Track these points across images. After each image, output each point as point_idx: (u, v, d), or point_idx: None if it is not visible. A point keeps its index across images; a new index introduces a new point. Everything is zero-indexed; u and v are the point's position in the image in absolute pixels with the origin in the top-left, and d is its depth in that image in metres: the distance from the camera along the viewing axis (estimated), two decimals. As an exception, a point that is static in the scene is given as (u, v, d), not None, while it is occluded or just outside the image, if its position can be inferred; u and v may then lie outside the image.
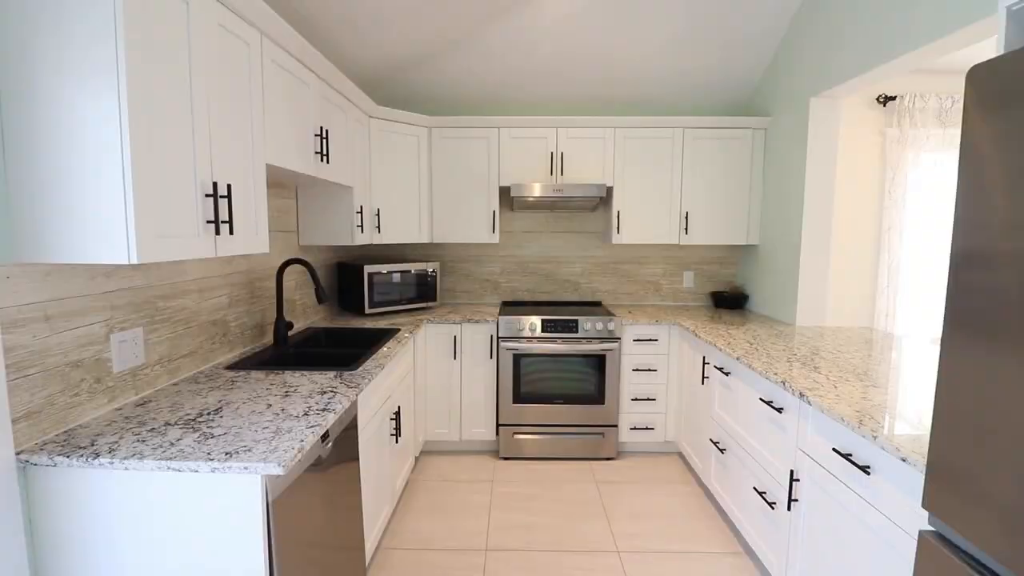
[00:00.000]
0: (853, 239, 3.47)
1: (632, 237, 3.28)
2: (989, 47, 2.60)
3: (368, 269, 2.95)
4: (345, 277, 3.12)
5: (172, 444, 1.25)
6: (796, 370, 1.92)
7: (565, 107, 3.50)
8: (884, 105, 3.41)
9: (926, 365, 2.00)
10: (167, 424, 1.37)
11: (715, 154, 3.24)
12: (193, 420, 1.40)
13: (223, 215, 1.47)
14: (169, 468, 1.16)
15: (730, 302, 3.43)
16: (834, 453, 1.53)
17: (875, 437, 1.33)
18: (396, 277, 3.10)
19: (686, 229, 3.26)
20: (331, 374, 1.85)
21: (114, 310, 1.50)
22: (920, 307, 3.51)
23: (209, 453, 1.19)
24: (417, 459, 3.04)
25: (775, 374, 1.87)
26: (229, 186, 1.46)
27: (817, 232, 2.81)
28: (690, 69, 3.16)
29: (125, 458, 1.17)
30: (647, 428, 3.08)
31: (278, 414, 1.44)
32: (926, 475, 1.08)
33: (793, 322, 2.87)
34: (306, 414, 1.45)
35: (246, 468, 1.15)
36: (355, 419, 1.78)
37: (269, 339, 2.37)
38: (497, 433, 3.08)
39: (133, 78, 1.15)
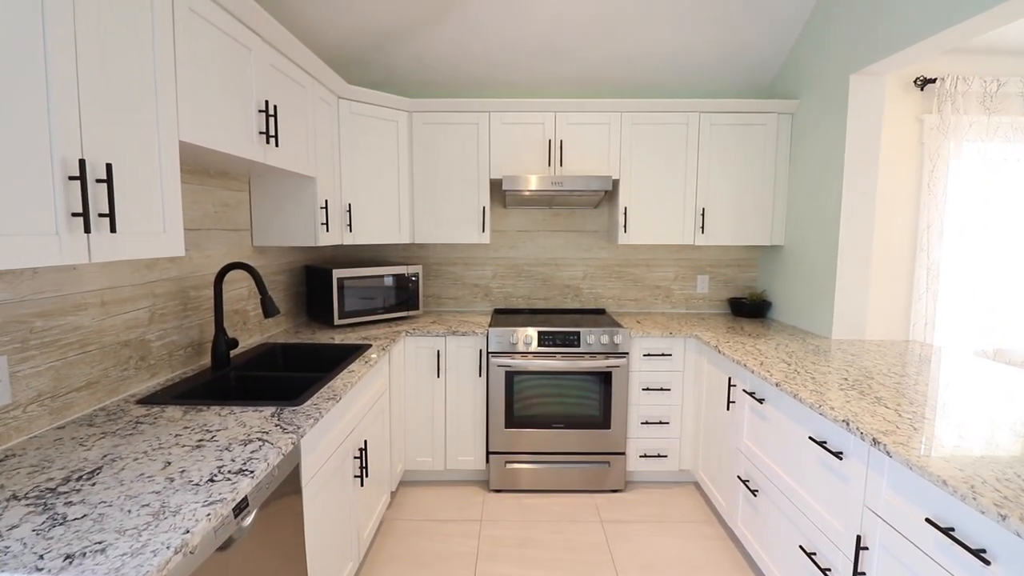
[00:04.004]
0: (887, 238, 3.08)
1: (641, 237, 2.89)
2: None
3: (338, 274, 2.56)
4: (313, 282, 2.72)
5: (0, 537, 0.85)
6: (855, 402, 1.54)
7: (565, 89, 3.10)
8: (922, 89, 3.03)
9: (1011, 391, 1.62)
10: (12, 498, 0.98)
11: (735, 142, 2.85)
12: (53, 490, 1.01)
13: (101, 206, 1.08)
14: (-26, 583, 0.77)
15: (750, 310, 3.05)
16: (927, 524, 1.15)
17: (1004, 517, 0.94)
18: (371, 282, 2.71)
19: (702, 228, 2.87)
20: (269, 411, 1.45)
21: (-44, 335, 1.11)
22: (962, 315, 3.13)
23: (42, 556, 0.80)
24: (394, 493, 2.64)
25: (831, 409, 1.49)
26: (109, 166, 1.07)
27: (857, 232, 2.42)
28: (706, 44, 2.77)
29: (-86, 565, 0.78)
30: (659, 455, 2.69)
31: (173, 479, 1.05)
32: None
33: (828, 335, 2.49)
34: (212, 479, 1.05)
35: (85, 587, 0.76)
36: (298, 468, 1.39)
37: (208, 360, 1.97)
38: (487, 462, 2.69)
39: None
